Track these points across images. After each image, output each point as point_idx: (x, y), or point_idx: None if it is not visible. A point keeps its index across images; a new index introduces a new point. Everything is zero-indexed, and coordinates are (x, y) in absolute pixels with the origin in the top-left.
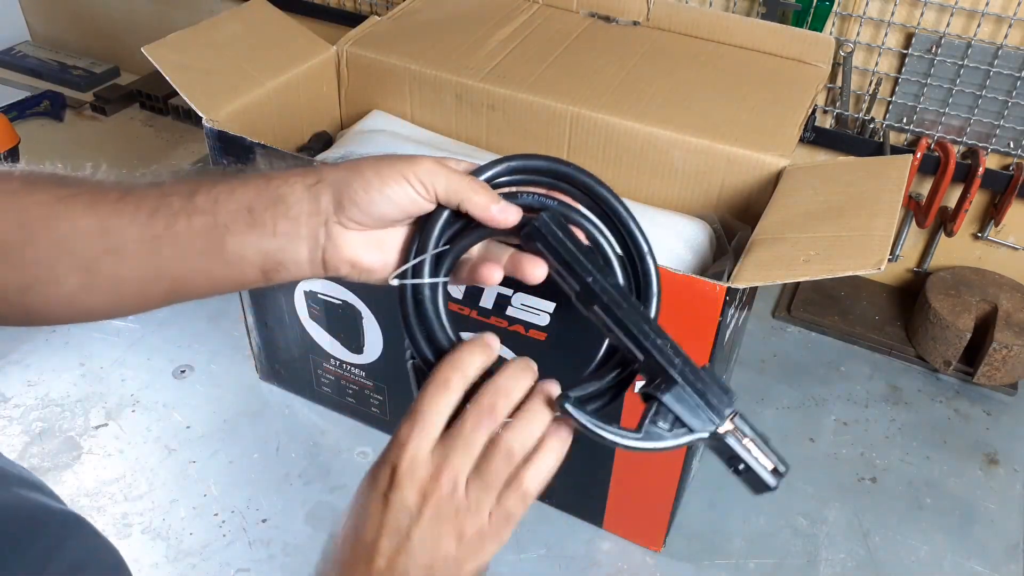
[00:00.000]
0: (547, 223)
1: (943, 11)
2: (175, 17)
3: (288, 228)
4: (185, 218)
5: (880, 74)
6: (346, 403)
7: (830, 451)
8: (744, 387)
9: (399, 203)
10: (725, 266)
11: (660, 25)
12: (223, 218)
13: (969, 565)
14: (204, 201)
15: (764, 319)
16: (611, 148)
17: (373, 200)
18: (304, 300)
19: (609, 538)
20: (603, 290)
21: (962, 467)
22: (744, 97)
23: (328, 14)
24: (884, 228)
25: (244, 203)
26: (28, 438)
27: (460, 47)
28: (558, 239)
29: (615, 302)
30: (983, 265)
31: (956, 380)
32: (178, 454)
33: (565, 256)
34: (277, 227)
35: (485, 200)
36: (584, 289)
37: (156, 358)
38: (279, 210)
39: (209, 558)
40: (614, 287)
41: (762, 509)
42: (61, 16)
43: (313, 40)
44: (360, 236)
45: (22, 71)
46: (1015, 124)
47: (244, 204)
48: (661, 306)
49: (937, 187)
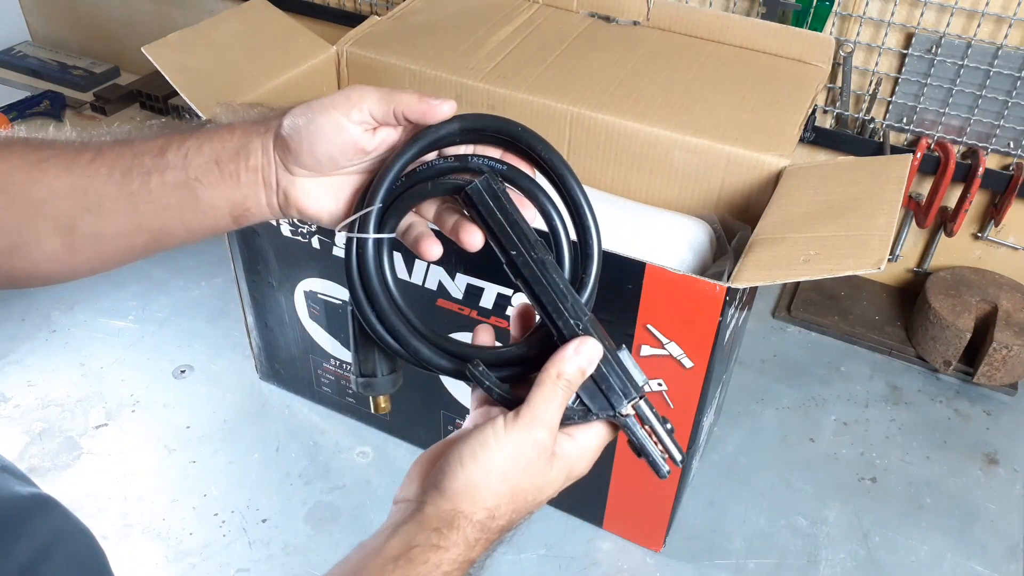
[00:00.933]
0: (478, 189)
1: (943, 11)
2: (175, 17)
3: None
4: (158, 175)
5: (880, 74)
6: (346, 403)
7: (830, 451)
8: (744, 387)
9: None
10: (725, 266)
11: (660, 25)
12: (194, 172)
13: (969, 565)
14: (175, 157)
15: (764, 319)
16: (611, 148)
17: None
18: (304, 300)
19: (609, 538)
20: (524, 265)
21: (962, 467)
22: (744, 97)
23: (328, 14)
24: (884, 227)
25: (212, 157)
26: (28, 438)
27: (460, 47)
28: (488, 208)
29: (535, 279)
30: (983, 265)
31: (956, 380)
32: (178, 454)
33: (493, 225)
34: (241, 177)
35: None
36: (508, 261)
37: (156, 358)
38: (241, 162)
39: (209, 558)
40: (538, 262)
41: (762, 509)
42: (61, 16)
43: (313, 40)
44: (311, 183)
45: (22, 71)
46: (1015, 124)
47: (212, 158)
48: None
49: (937, 187)
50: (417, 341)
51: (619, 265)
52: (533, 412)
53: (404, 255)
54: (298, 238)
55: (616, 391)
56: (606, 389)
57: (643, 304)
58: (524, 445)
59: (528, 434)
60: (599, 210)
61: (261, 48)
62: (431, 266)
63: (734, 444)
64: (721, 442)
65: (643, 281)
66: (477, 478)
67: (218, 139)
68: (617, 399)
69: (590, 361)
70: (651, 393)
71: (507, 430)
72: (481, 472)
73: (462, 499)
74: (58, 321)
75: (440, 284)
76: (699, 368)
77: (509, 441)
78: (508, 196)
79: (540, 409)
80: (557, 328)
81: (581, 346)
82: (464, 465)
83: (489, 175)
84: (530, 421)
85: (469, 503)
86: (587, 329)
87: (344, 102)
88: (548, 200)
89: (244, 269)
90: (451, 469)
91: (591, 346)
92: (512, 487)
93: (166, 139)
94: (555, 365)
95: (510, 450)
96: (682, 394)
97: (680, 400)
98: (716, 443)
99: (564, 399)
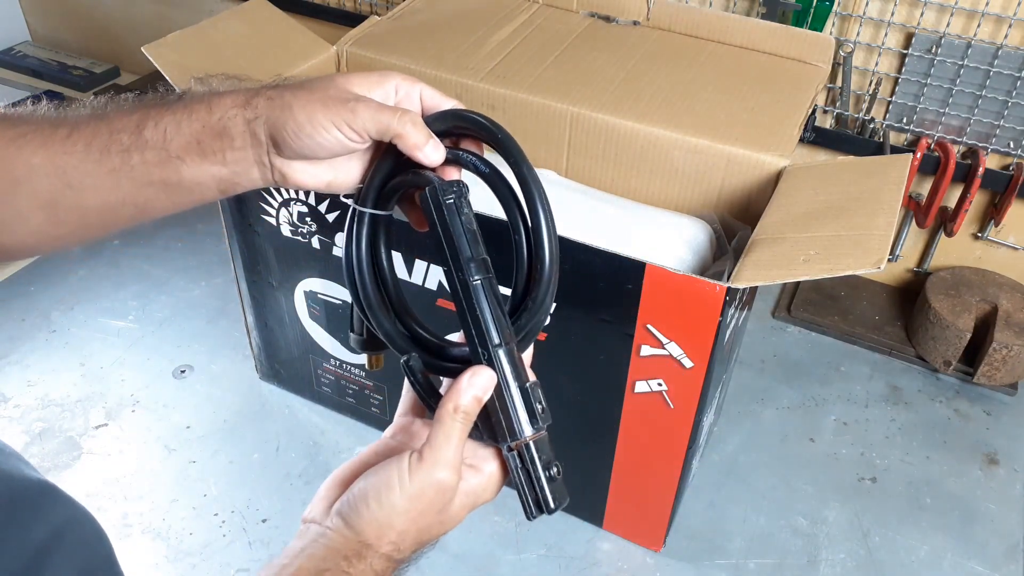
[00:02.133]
0: (425, 198)
1: (943, 11)
2: (175, 17)
3: (237, 157)
4: (138, 153)
5: (880, 74)
6: (346, 403)
7: (830, 451)
8: (744, 387)
9: (330, 147)
10: (725, 266)
11: (660, 25)
12: (175, 150)
13: (969, 565)
14: (153, 135)
15: (764, 319)
16: (611, 148)
17: (305, 144)
18: (304, 300)
19: (609, 538)
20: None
21: (962, 467)
22: (744, 97)
23: (328, 14)
24: (884, 227)
25: (192, 136)
26: (28, 438)
27: (460, 47)
28: (431, 217)
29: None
30: (983, 265)
31: (956, 380)
32: (178, 454)
33: (440, 235)
34: (226, 157)
35: (417, 138)
36: (447, 274)
37: (156, 358)
38: (225, 142)
39: (209, 558)
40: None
41: (762, 509)
42: (61, 16)
43: (313, 40)
44: (306, 164)
45: (22, 71)
46: (1015, 124)
47: (192, 137)
48: (553, 300)
49: (937, 187)
50: (383, 314)
51: (619, 265)
52: (435, 455)
53: (404, 255)
54: (298, 238)
55: (502, 426)
56: (495, 422)
57: (643, 304)
58: (427, 487)
59: (430, 476)
60: (599, 210)
61: (261, 48)
62: (431, 266)
63: (734, 444)
64: (721, 442)
65: (643, 281)
66: (381, 517)
67: (196, 117)
68: (501, 433)
69: (484, 390)
70: (650, 394)
71: (411, 473)
72: (385, 512)
73: (368, 534)
74: (58, 321)
75: (440, 284)
76: (699, 368)
77: (413, 485)
78: (460, 208)
79: (441, 450)
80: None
81: (474, 377)
82: (369, 505)
83: (441, 185)
84: (432, 464)
85: (375, 537)
86: (491, 359)
87: (338, 111)
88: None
89: (244, 269)
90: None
91: (484, 376)
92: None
93: (142, 114)
94: (451, 399)
95: (413, 492)
96: (682, 394)
97: (680, 400)
98: (716, 443)
99: (463, 432)
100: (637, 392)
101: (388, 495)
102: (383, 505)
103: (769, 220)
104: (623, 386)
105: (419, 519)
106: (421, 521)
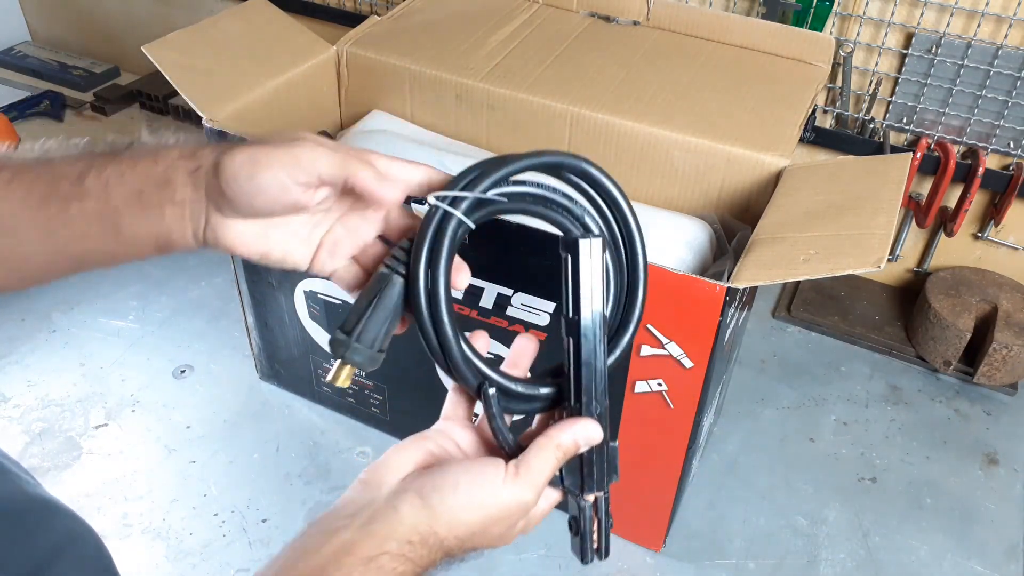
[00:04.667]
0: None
1: (943, 11)
2: (175, 17)
3: (175, 212)
4: (77, 202)
5: (880, 74)
6: (346, 403)
7: (830, 451)
8: (744, 387)
9: (270, 193)
10: (725, 266)
11: (660, 25)
12: (115, 202)
13: (969, 565)
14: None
15: (764, 319)
16: (611, 148)
17: (246, 194)
18: (304, 300)
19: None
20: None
21: (962, 467)
22: (744, 97)
23: (328, 14)
24: (884, 226)
25: (134, 187)
26: (28, 438)
27: (460, 47)
28: (578, 265)
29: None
30: (983, 265)
31: (956, 380)
32: (178, 454)
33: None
34: (165, 211)
35: (372, 174)
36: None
37: (156, 358)
38: (166, 194)
39: (209, 558)
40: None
41: (762, 509)
42: (61, 16)
43: (313, 40)
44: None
45: (22, 71)
46: (1015, 124)
47: (135, 188)
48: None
49: (937, 187)
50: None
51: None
52: (532, 476)
53: None
54: None
55: (592, 478)
56: (586, 472)
57: None
58: (512, 502)
59: (520, 492)
60: None
61: (261, 48)
62: None
63: (734, 444)
64: (721, 442)
65: None
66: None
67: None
68: (590, 485)
69: (588, 442)
70: (650, 394)
71: (506, 483)
72: (468, 507)
73: (442, 522)
74: (58, 321)
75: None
76: (699, 368)
77: (505, 493)
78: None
79: (537, 475)
80: (579, 400)
81: (587, 427)
82: (458, 493)
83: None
84: (526, 482)
85: (446, 528)
86: (602, 415)
87: (292, 163)
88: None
89: (244, 269)
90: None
91: (592, 431)
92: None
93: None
94: (560, 434)
95: (501, 501)
96: (682, 394)
97: (680, 400)
98: (716, 443)
99: (556, 467)
100: (637, 392)
101: (479, 492)
102: (471, 498)
103: (769, 220)
104: (623, 386)
105: (491, 526)
106: (492, 528)
